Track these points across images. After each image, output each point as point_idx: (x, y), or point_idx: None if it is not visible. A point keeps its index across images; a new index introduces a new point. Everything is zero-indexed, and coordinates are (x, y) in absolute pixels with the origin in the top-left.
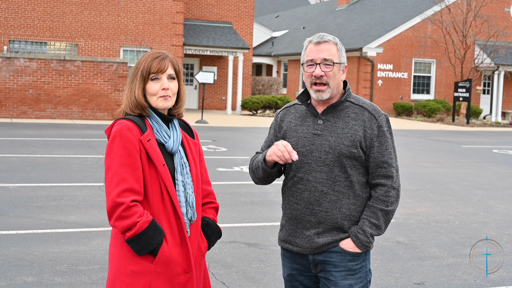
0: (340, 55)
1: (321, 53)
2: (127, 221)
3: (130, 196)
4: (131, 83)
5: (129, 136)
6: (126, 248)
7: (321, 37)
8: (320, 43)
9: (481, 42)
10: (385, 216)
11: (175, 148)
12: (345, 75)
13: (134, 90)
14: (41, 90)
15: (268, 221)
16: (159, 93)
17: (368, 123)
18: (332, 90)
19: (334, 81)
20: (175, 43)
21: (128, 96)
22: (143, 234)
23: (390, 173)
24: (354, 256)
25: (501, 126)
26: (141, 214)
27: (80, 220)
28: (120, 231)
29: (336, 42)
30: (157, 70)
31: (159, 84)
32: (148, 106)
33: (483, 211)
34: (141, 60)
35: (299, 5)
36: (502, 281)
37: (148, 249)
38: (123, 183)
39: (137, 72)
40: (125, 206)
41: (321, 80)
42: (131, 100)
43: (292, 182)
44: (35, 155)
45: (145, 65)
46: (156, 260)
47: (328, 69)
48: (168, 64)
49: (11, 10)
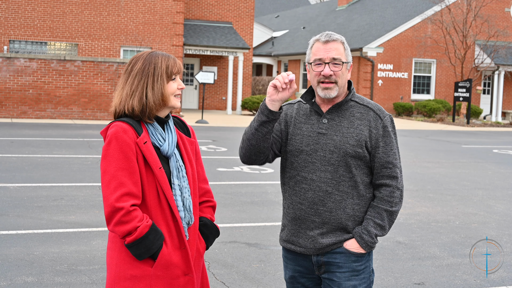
0: (347, 54)
1: (330, 52)
2: (127, 226)
3: (129, 200)
4: (145, 83)
5: (125, 138)
6: (125, 252)
7: (329, 36)
8: (329, 42)
9: (481, 42)
10: (390, 217)
11: (170, 152)
12: (350, 74)
13: (160, 90)
14: (41, 90)
15: (269, 221)
16: (176, 91)
17: (374, 123)
18: (340, 88)
19: (342, 80)
20: (175, 43)
21: (148, 95)
22: (144, 238)
23: (394, 173)
24: (358, 256)
25: (501, 126)
26: (141, 218)
27: (80, 220)
28: (120, 236)
29: (343, 41)
30: (177, 70)
31: (176, 83)
32: (168, 106)
33: (483, 211)
34: (155, 60)
35: (299, 5)
36: (502, 281)
37: (149, 254)
38: (122, 187)
39: (155, 71)
40: (124, 211)
41: (330, 79)
42: (154, 100)
43: (295, 181)
44: (35, 155)
45: (168, 65)
46: (156, 264)
47: (337, 69)
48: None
49: (11, 10)
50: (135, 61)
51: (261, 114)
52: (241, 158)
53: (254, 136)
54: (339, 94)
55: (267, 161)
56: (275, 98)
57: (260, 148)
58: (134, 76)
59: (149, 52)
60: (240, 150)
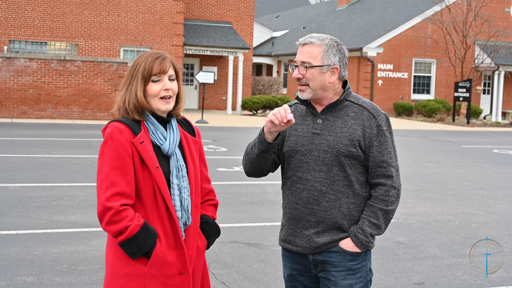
0: (324, 57)
1: (301, 55)
2: (118, 226)
3: (119, 200)
4: (129, 84)
5: (120, 138)
6: (120, 250)
7: (305, 39)
8: (304, 45)
9: (481, 42)
10: (385, 216)
11: (171, 151)
12: (335, 76)
13: (134, 91)
14: (41, 90)
15: (269, 221)
16: (160, 93)
17: (367, 122)
18: (314, 91)
19: (314, 83)
20: (175, 43)
21: (126, 97)
22: (135, 238)
23: (389, 172)
24: (354, 256)
25: (501, 126)
26: (132, 218)
27: (80, 220)
28: (112, 236)
29: (322, 43)
30: (159, 71)
31: (160, 85)
32: (148, 108)
33: (483, 211)
34: (140, 61)
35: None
36: (502, 281)
37: (141, 252)
38: (113, 187)
39: (136, 72)
40: (114, 211)
41: (301, 82)
42: (130, 101)
43: (291, 182)
44: (35, 155)
45: (146, 66)
46: (149, 262)
47: (304, 72)
48: (169, 65)
49: (11, 10)
50: (132, 63)
51: (261, 144)
52: (245, 173)
53: (256, 160)
54: (319, 96)
55: (269, 172)
56: (272, 130)
57: (263, 167)
58: (125, 78)
59: (142, 53)
60: (244, 167)
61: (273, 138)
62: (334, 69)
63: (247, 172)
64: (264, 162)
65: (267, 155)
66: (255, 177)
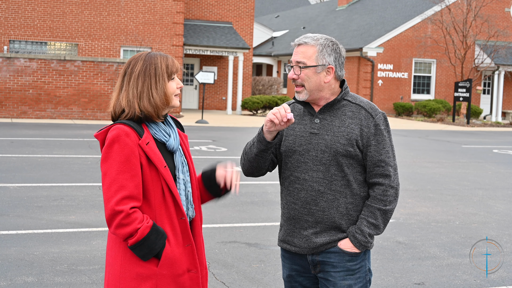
0: (318, 57)
1: (296, 56)
2: (128, 228)
3: (129, 203)
4: (152, 83)
5: (127, 141)
6: (130, 252)
7: (300, 39)
8: (298, 46)
9: (481, 42)
10: (383, 216)
11: (176, 146)
12: (331, 76)
13: (162, 91)
14: (41, 90)
15: (269, 221)
16: (176, 91)
17: (365, 122)
18: (310, 92)
19: (309, 83)
20: (176, 43)
21: (155, 97)
22: (145, 239)
23: (387, 172)
24: (353, 256)
25: (501, 126)
26: (141, 220)
27: (81, 220)
28: (122, 239)
29: (317, 43)
30: (177, 69)
31: (175, 83)
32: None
33: (483, 211)
34: (155, 61)
35: (299, 5)
36: (502, 281)
37: (152, 253)
38: (122, 190)
39: (156, 72)
40: (124, 214)
41: (296, 83)
42: (160, 101)
43: (289, 182)
44: (35, 155)
45: (168, 65)
46: (160, 263)
47: (298, 72)
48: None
49: (11, 10)
50: (134, 62)
51: (260, 143)
52: (243, 172)
53: (255, 160)
54: (314, 97)
55: (267, 172)
56: (272, 130)
57: (261, 166)
58: (136, 77)
59: (147, 53)
60: (242, 166)
61: (272, 137)
62: (329, 68)
63: (245, 172)
64: (262, 161)
65: (266, 154)
66: (253, 177)
